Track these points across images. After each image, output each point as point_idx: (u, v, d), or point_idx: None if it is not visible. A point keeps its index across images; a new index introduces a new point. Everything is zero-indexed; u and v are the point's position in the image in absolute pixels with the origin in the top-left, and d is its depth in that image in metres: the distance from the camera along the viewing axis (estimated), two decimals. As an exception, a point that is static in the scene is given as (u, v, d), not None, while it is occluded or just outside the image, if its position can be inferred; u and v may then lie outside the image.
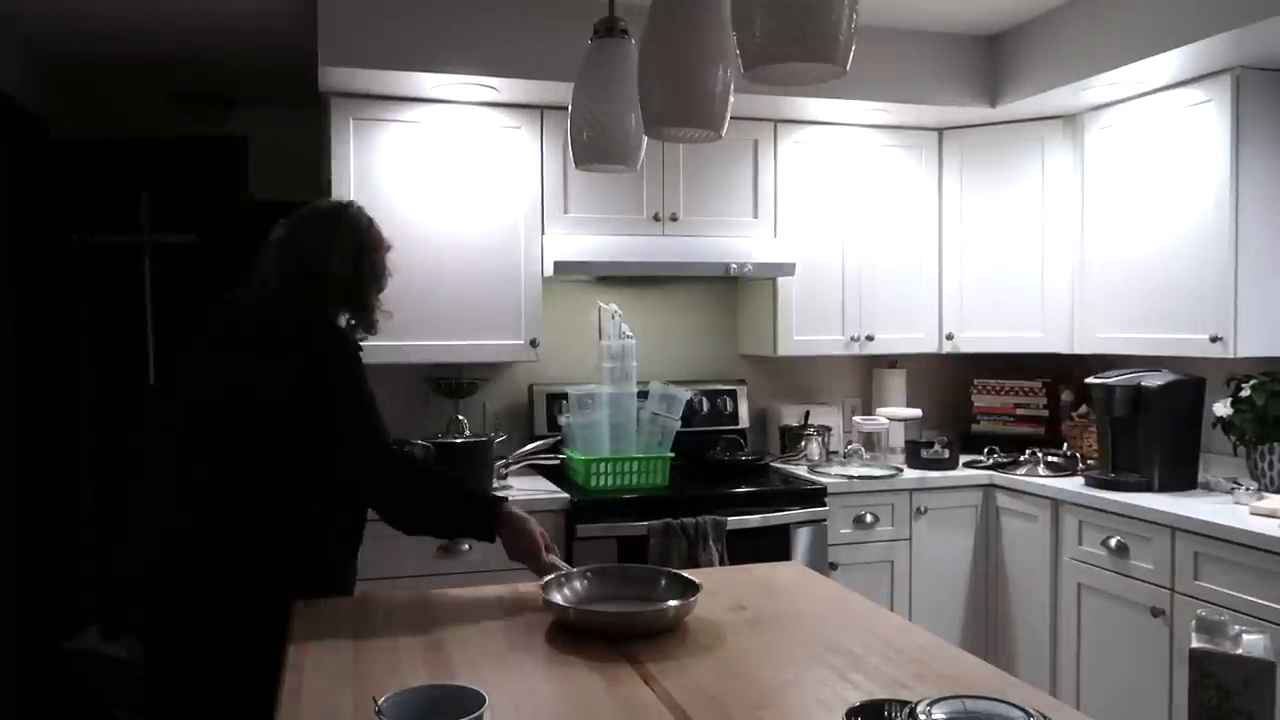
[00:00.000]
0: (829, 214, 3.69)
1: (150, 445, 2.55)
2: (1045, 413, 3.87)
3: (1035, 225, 3.65)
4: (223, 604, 1.85)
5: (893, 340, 3.78)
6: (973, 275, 3.77)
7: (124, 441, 3.62)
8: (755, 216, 3.59)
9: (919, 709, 1.12)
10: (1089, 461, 3.45)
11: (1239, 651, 1.27)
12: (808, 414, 3.81)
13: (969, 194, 3.78)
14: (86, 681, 3.35)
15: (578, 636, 1.64)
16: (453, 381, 3.40)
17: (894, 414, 3.78)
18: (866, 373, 4.10)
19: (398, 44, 2.98)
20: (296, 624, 1.73)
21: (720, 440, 3.72)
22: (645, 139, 1.77)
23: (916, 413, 3.84)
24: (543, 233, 3.36)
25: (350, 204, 2.19)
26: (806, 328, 3.67)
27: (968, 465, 3.63)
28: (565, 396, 3.34)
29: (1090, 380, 3.28)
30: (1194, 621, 1.33)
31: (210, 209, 3.62)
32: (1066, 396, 3.79)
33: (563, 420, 3.31)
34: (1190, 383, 3.11)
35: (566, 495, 3.08)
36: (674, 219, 3.47)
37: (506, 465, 3.20)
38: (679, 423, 3.33)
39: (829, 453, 3.74)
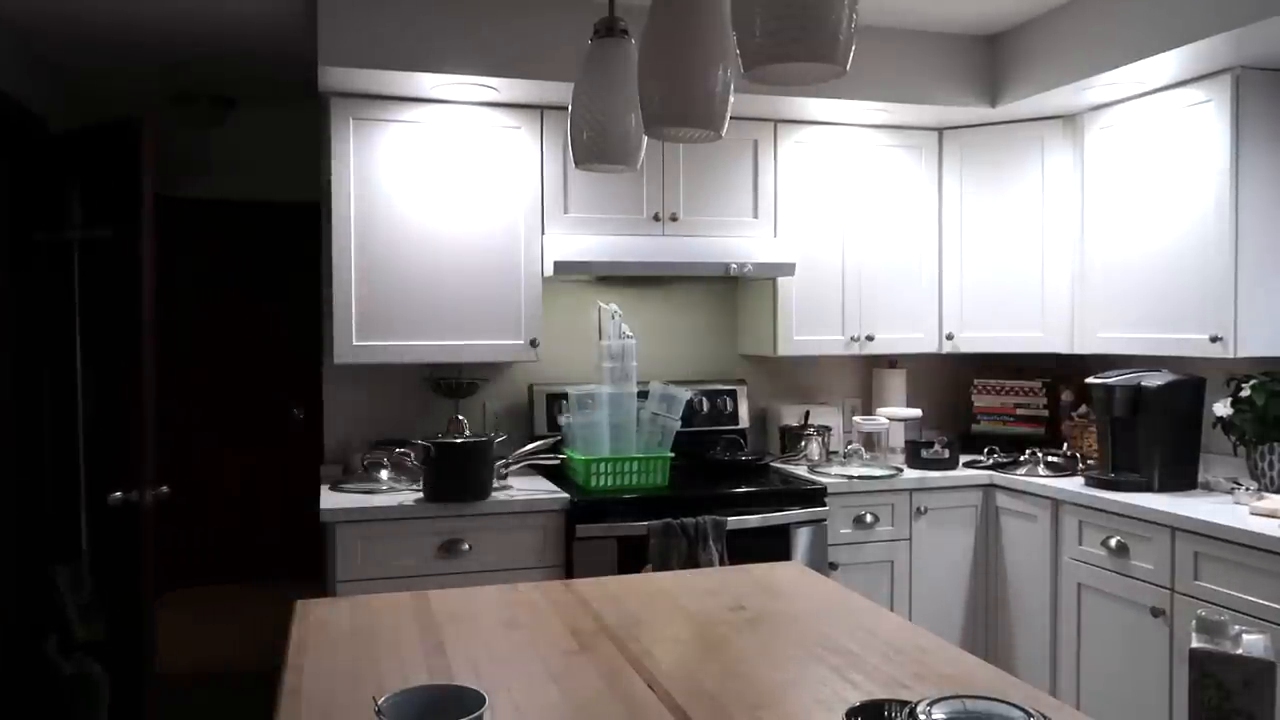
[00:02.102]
0: (829, 214, 3.69)
1: None
2: (1045, 413, 3.87)
3: (1035, 225, 3.65)
4: None
5: (893, 340, 3.78)
6: (973, 275, 3.77)
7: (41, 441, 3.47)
8: (755, 216, 3.59)
9: (919, 709, 1.12)
10: (1089, 461, 3.45)
11: (1239, 651, 1.27)
12: (808, 414, 3.82)
13: (969, 194, 3.78)
14: (39, 692, 3.30)
15: (578, 636, 1.64)
16: (453, 381, 3.40)
17: (894, 414, 3.78)
18: (866, 373, 4.10)
19: (398, 44, 2.99)
20: (296, 624, 1.73)
21: (720, 440, 3.72)
22: (645, 139, 1.77)
23: (916, 413, 3.84)
24: (543, 233, 3.36)
25: None
26: (806, 328, 3.67)
27: (968, 465, 3.63)
28: (565, 396, 3.34)
29: (1090, 380, 3.28)
30: (1194, 621, 1.33)
31: (120, 203, 3.41)
32: (1066, 396, 3.79)
33: (563, 420, 3.31)
34: (1190, 383, 3.11)
35: (566, 495, 3.08)
36: (674, 219, 3.48)
37: (506, 465, 3.20)
38: (679, 423, 3.33)
39: (829, 453, 3.74)
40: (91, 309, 3.30)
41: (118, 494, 2.97)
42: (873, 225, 3.76)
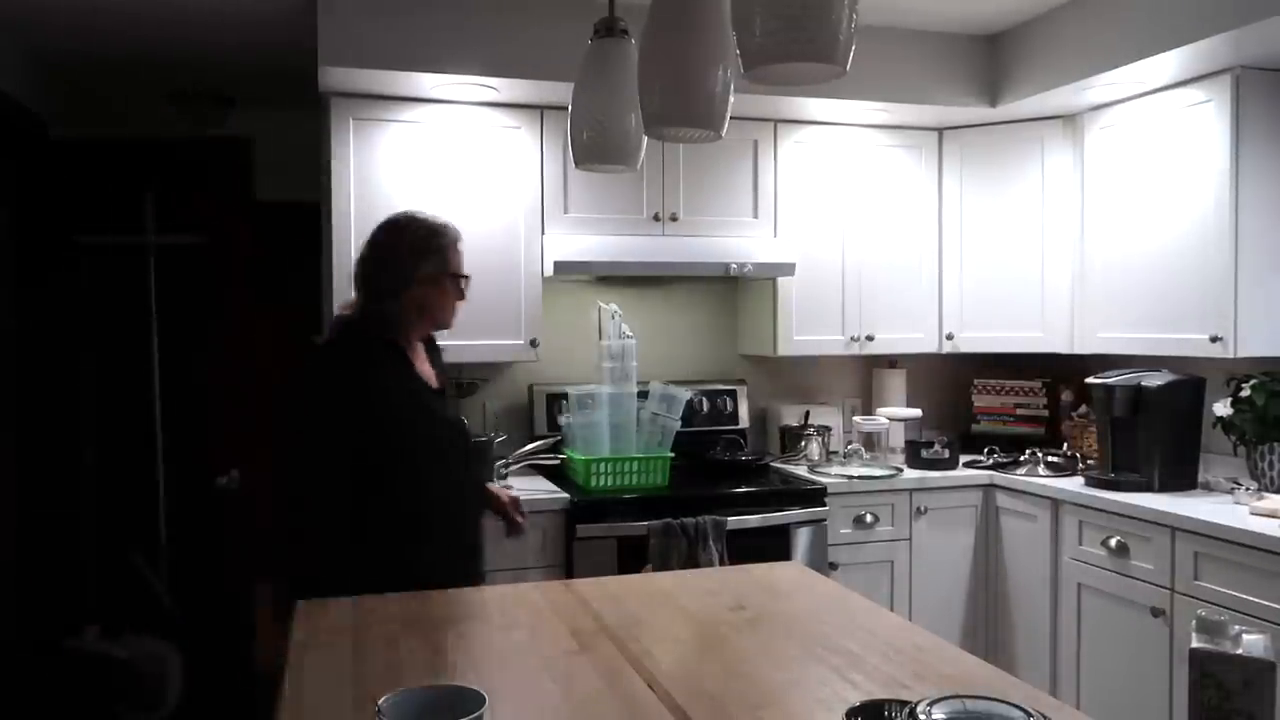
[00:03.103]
0: (829, 214, 3.69)
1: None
2: (1045, 413, 3.87)
3: (1035, 225, 3.65)
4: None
5: (893, 340, 3.77)
6: (972, 275, 3.77)
7: (127, 442, 3.59)
8: (755, 216, 3.59)
9: (919, 709, 1.11)
10: (1089, 461, 3.45)
11: (1239, 651, 1.27)
12: (808, 414, 3.81)
13: (969, 194, 3.78)
14: (87, 681, 3.34)
15: (578, 636, 1.64)
16: (453, 381, 3.40)
17: (894, 414, 3.77)
18: (866, 373, 4.10)
19: (398, 44, 2.98)
20: (296, 624, 1.73)
21: (720, 440, 3.72)
22: (645, 139, 1.77)
23: (916, 413, 3.84)
24: (543, 233, 3.36)
25: (396, 215, 2.24)
26: (806, 328, 3.66)
27: (968, 465, 3.63)
28: (565, 396, 3.34)
29: (1090, 380, 3.28)
30: (1194, 621, 1.33)
31: (216, 210, 3.59)
32: (1066, 396, 3.78)
33: (563, 420, 3.31)
34: (1190, 383, 3.11)
35: (566, 495, 3.07)
36: (674, 219, 3.47)
37: (506, 465, 3.20)
38: (679, 423, 3.33)
39: (829, 453, 3.74)
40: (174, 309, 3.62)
41: (223, 478, 3.41)
42: (873, 225, 3.75)
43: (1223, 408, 3.04)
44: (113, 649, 3.32)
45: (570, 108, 1.85)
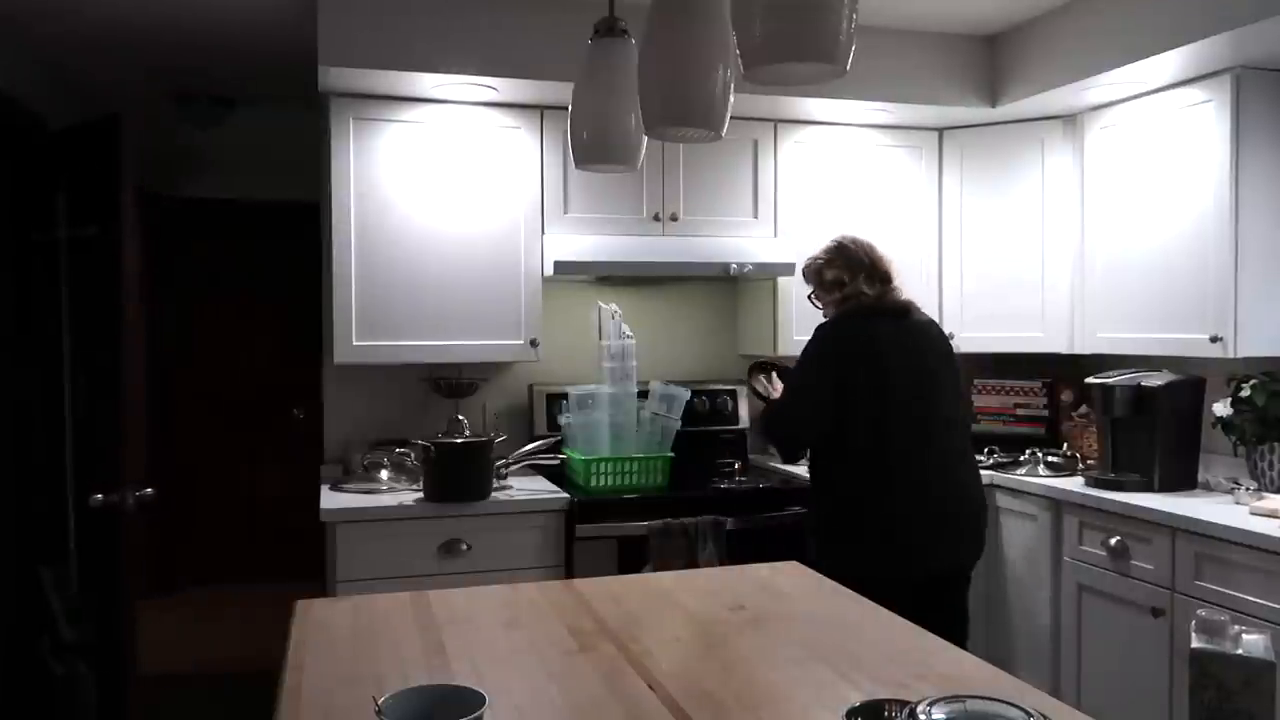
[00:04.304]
0: (829, 214, 3.69)
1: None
2: (1045, 413, 3.86)
3: (1035, 225, 3.65)
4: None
5: (893, 340, 3.76)
6: (973, 275, 3.77)
7: (47, 452, 3.40)
8: (755, 216, 3.59)
9: (919, 709, 1.12)
10: (1089, 461, 3.45)
11: (1239, 651, 1.27)
12: (808, 414, 3.80)
13: (969, 194, 3.78)
14: (35, 691, 3.29)
15: (578, 636, 1.64)
16: (453, 381, 3.40)
17: (894, 414, 3.76)
18: (866, 373, 4.09)
19: (398, 44, 2.98)
20: (296, 624, 1.73)
21: (720, 440, 3.72)
22: (645, 139, 1.77)
23: (916, 413, 3.83)
24: (543, 233, 3.36)
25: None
26: (806, 328, 3.63)
27: (968, 465, 3.62)
28: (565, 396, 3.34)
29: (1090, 380, 3.28)
30: (1194, 621, 1.33)
31: (98, 201, 3.30)
32: (1066, 396, 3.78)
33: (563, 420, 3.31)
34: (1190, 383, 3.11)
35: (566, 495, 3.08)
36: (674, 219, 3.47)
37: (506, 465, 3.20)
38: (679, 423, 3.33)
39: (829, 453, 3.73)
40: (80, 308, 3.24)
41: (99, 496, 2.87)
42: (873, 225, 3.74)
43: (1223, 408, 3.04)
44: (55, 664, 3.26)
45: (570, 108, 1.85)
